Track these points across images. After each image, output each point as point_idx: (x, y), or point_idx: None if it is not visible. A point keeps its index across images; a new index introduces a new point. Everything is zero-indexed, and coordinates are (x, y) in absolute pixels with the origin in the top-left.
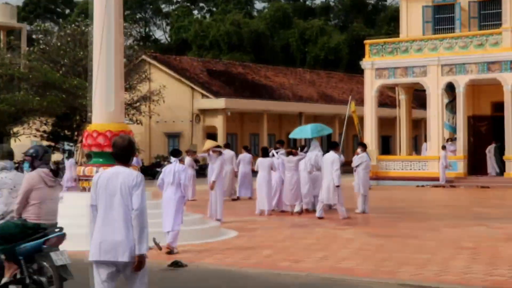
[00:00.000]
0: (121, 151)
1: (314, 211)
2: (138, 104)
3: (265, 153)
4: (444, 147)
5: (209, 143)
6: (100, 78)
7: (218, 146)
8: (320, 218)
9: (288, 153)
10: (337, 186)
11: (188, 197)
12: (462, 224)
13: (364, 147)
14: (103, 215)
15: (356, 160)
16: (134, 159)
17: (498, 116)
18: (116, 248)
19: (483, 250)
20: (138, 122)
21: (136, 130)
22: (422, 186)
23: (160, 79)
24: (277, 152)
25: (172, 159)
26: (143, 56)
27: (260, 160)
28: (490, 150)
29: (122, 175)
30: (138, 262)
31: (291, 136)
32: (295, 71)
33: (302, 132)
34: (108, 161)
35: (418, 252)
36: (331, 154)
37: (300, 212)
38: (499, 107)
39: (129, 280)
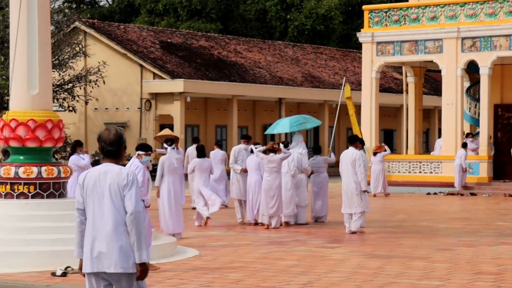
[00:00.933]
0: (109, 146)
1: (296, 224)
2: (70, 85)
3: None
4: (464, 145)
5: (166, 131)
6: (20, 51)
7: (176, 139)
8: (353, 233)
9: (269, 151)
10: (364, 192)
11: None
12: (482, 242)
13: (361, 143)
14: (92, 220)
15: None
16: (86, 156)
17: None
18: (108, 258)
19: (508, 275)
20: (71, 109)
21: (68, 119)
22: (435, 193)
23: (99, 53)
24: (256, 148)
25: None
26: (77, 23)
27: (250, 159)
28: None
29: (111, 174)
30: (141, 272)
31: (268, 132)
32: (273, 46)
33: (279, 126)
34: (32, 159)
35: (427, 277)
36: (351, 151)
37: (279, 226)
38: None
39: None
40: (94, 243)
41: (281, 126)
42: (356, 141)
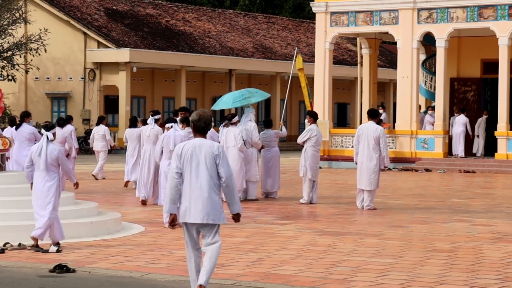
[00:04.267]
0: (204, 124)
1: (246, 200)
2: (10, 53)
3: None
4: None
5: None
6: None
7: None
8: (373, 209)
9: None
10: (384, 169)
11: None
12: (436, 219)
13: (313, 117)
14: (190, 183)
15: (302, 134)
16: (27, 126)
17: (490, 78)
18: (200, 212)
19: (462, 253)
20: (11, 78)
21: (7, 88)
22: (388, 169)
23: (40, 20)
24: None
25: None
26: None
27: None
28: (480, 124)
29: (205, 147)
30: (237, 218)
31: (214, 108)
32: (223, 14)
33: (222, 102)
34: None
35: (379, 254)
36: (374, 126)
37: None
38: (491, 67)
39: (207, 237)
40: (190, 200)
41: (224, 102)
42: (377, 116)
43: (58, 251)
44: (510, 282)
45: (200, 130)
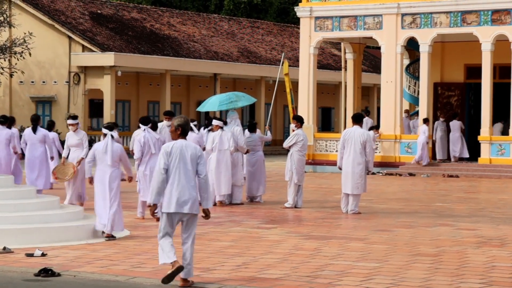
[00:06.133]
0: (186, 127)
1: (231, 204)
2: None
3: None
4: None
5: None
6: None
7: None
8: (358, 213)
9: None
10: (368, 173)
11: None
12: (421, 223)
13: (299, 121)
14: (176, 178)
15: (289, 138)
16: (40, 129)
17: (473, 83)
18: (185, 204)
19: (447, 257)
20: None
21: None
22: (373, 173)
23: (25, 24)
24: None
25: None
26: None
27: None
28: (437, 128)
29: (190, 148)
30: (207, 214)
31: (199, 109)
32: (208, 19)
33: (208, 104)
34: None
35: (364, 258)
36: (360, 131)
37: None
38: (474, 71)
39: (187, 225)
40: (178, 193)
41: (210, 104)
42: (362, 120)
43: (112, 237)
44: (495, 286)
45: (185, 133)
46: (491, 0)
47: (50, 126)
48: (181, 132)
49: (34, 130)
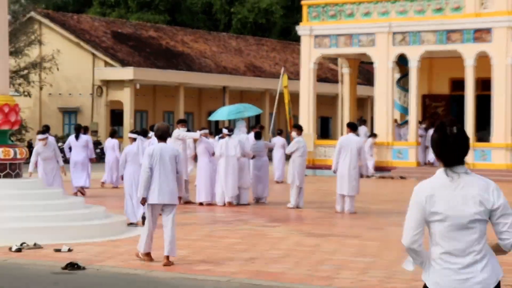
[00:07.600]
0: (161, 132)
1: (238, 205)
2: (26, 72)
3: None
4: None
5: None
6: None
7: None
8: (353, 213)
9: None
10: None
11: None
12: None
13: (300, 129)
14: (160, 175)
15: (291, 145)
16: (83, 136)
17: (458, 95)
18: (168, 195)
19: None
20: (26, 94)
21: (23, 103)
22: (367, 176)
23: (53, 42)
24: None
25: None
26: (32, 13)
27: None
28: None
29: (170, 149)
30: (180, 199)
31: (210, 118)
32: (218, 37)
33: (218, 113)
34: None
35: (360, 254)
36: (356, 138)
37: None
38: (458, 85)
39: (167, 212)
40: (161, 188)
41: (220, 113)
42: (357, 128)
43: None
44: None
45: (159, 137)
46: (473, 20)
47: (85, 130)
48: (159, 136)
49: (77, 137)
